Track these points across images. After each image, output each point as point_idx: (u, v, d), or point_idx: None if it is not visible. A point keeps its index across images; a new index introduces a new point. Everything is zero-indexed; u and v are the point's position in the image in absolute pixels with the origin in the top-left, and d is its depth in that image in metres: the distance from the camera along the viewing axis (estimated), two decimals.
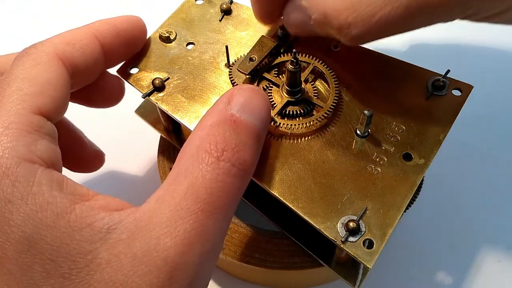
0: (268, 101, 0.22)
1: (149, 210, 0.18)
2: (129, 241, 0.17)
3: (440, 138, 0.24)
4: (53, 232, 0.17)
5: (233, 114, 0.20)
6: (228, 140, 0.20)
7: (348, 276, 0.25)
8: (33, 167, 0.19)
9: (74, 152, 0.30)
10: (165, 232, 0.17)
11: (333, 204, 0.23)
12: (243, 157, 0.20)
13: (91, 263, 0.17)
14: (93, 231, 0.18)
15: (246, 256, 0.28)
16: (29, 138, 0.19)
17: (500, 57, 0.43)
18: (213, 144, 0.19)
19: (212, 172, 0.19)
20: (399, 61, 0.27)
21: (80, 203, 0.19)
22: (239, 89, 0.22)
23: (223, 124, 0.20)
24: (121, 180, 0.37)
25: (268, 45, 0.27)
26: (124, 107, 0.34)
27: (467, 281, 0.31)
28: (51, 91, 0.22)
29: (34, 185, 0.18)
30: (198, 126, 0.21)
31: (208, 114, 0.21)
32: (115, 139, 0.38)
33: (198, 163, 0.19)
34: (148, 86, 0.28)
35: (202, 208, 0.18)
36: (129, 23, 0.27)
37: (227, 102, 0.21)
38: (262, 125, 0.21)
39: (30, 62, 0.22)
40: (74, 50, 0.24)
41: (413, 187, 0.23)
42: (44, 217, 0.18)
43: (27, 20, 0.49)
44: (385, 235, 0.22)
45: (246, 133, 0.20)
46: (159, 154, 0.34)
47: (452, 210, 0.34)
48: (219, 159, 0.19)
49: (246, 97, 0.21)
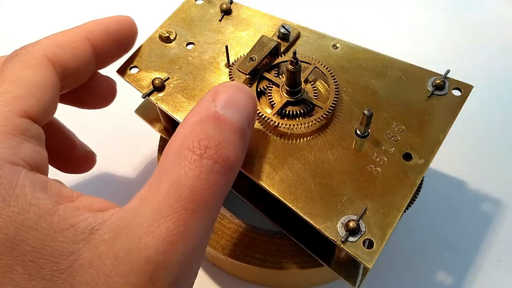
0: (253, 97, 0.22)
1: (132, 210, 0.18)
2: (111, 241, 0.17)
3: (440, 138, 0.24)
4: (35, 233, 0.17)
5: (217, 111, 0.20)
6: (211, 137, 0.19)
7: (348, 276, 0.25)
8: (17, 169, 0.19)
9: (65, 153, 0.30)
10: (147, 232, 0.17)
11: (333, 204, 0.23)
12: (226, 154, 0.19)
13: (74, 264, 0.17)
14: (76, 232, 0.18)
15: (246, 256, 0.28)
16: (14, 141, 0.19)
17: (500, 57, 0.43)
18: (196, 142, 0.19)
19: (194, 170, 0.18)
20: (399, 61, 0.27)
21: (63, 204, 0.18)
22: (224, 86, 0.22)
23: (207, 121, 0.20)
24: (121, 180, 0.37)
25: (268, 45, 0.27)
26: (124, 107, 0.34)
27: (467, 281, 0.31)
28: (39, 93, 0.22)
29: (17, 187, 0.18)
30: (182, 124, 0.21)
31: (192, 111, 0.21)
32: (115, 139, 0.38)
33: (180, 161, 0.19)
34: (148, 86, 0.28)
35: (184, 206, 0.18)
36: (120, 24, 0.27)
37: (211, 99, 0.21)
38: (247, 122, 0.21)
39: (20, 65, 0.22)
40: (64, 52, 0.24)
41: (413, 187, 0.23)
42: (26, 219, 0.18)
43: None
44: (385, 235, 0.22)
45: (229, 130, 0.20)
46: (159, 154, 0.34)
47: (452, 210, 0.34)
48: (202, 157, 0.19)
49: (230, 94, 0.21)
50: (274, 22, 0.30)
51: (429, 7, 0.48)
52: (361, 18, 0.47)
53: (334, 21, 0.47)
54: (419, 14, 0.47)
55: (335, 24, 0.46)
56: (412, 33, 0.46)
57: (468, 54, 0.43)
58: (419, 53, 0.43)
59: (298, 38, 0.29)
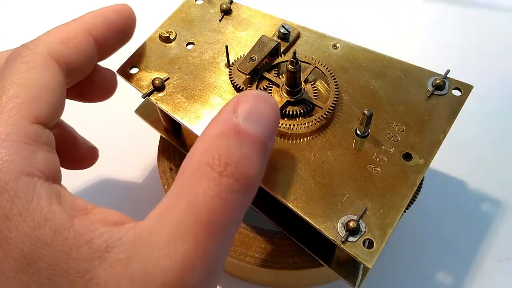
0: (277, 107, 0.21)
1: (148, 228, 0.18)
2: (127, 261, 0.17)
3: (440, 138, 0.24)
4: (51, 250, 0.17)
5: (238, 124, 0.19)
6: (231, 153, 0.18)
7: (348, 276, 0.25)
8: (32, 180, 0.18)
9: (67, 149, 0.30)
10: (164, 254, 0.17)
11: (333, 204, 0.23)
12: (247, 171, 0.18)
13: (89, 283, 0.17)
14: (92, 249, 0.17)
15: (246, 256, 0.28)
16: (27, 151, 0.19)
17: (500, 57, 0.43)
18: (216, 158, 0.18)
19: (214, 189, 0.18)
20: (399, 61, 0.27)
21: (78, 218, 0.18)
22: (245, 95, 0.20)
23: (227, 135, 0.19)
24: (121, 180, 0.37)
25: (268, 45, 0.27)
26: (124, 107, 0.34)
27: (467, 281, 0.31)
28: (47, 96, 0.21)
29: (33, 200, 0.18)
30: (201, 138, 0.19)
31: (211, 123, 0.20)
32: (115, 139, 0.38)
33: (199, 178, 0.18)
34: (148, 86, 0.28)
35: (202, 228, 0.17)
36: (119, 14, 0.26)
37: (232, 110, 0.20)
38: (269, 134, 0.20)
39: (24, 66, 0.21)
40: (68, 49, 0.23)
41: (413, 187, 0.23)
42: (42, 234, 0.17)
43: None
44: (385, 235, 0.22)
45: (251, 144, 0.19)
46: (159, 154, 0.34)
47: (452, 210, 0.34)
48: (222, 174, 0.18)
49: (252, 105, 0.20)
50: (274, 22, 0.30)
51: (429, 7, 0.48)
52: (361, 18, 0.47)
53: (334, 21, 0.47)
54: (419, 14, 0.47)
55: (335, 24, 0.46)
56: (412, 33, 0.46)
57: (468, 55, 0.43)
58: (419, 53, 0.43)
59: (298, 38, 0.29)
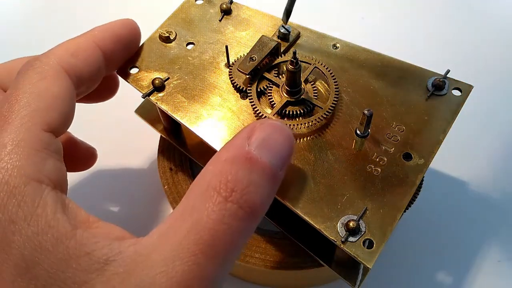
0: (292, 138, 0.21)
1: (149, 245, 0.18)
2: (125, 275, 0.17)
3: (440, 138, 0.24)
4: (51, 257, 0.17)
5: (250, 151, 0.19)
6: (239, 179, 0.18)
7: (348, 276, 0.25)
8: (40, 187, 0.18)
9: (67, 152, 0.30)
10: (162, 272, 0.17)
11: (333, 204, 0.23)
12: (252, 199, 0.18)
13: None
14: (91, 260, 0.17)
15: (246, 256, 0.28)
16: (38, 157, 0.19)
17: (500, 57, 0.43)
18: (223, 183, 0.18)
19: (218, 213, 0.18)
20: (399, 61, 0.27)
21: (81, 229, 0.18)
22: (261, 124, 0.20)
23: (238, 161, 0.19)
24: (121, 180, 0.37)
25: (268, 45, 0.27)
26: (124, 107, 0.34)
27: (467, 281, 0.31)
28: (59, 106, 0.21)
29: (39, 206, 0.18)
30: (212, 160, 0.20)
31: (225, 147, 0.20)
32: (115, 139, 0.38)
33: (205, 201, 0.18)
34: (148, 86, 0.28)
35: (203, 250, 0.17)
36: (126, 28, 0.27)
37: (246, 137, 0.20)
38: (280, 165, 0.20)
39: (37, 76, 0.22)
40: (78, 61, 0.24)
41: (413, 187, 0.23)
42: (44, 240, 0.17)
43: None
44: (385, 235, 0.22)
45: (260, 173, 0.19)
46: (159, 154, 0.34)
47: (452, 210, 0.34)
48: (227, 200, 0.18)
49: (267, 134, 0.20)
50: (274, 22, 0.30)
51: (429, 7, 0.48)
52: (361, 18, 0.47)
53: (334, 21, 0.47)
54: (419, 14, 0.47)
55: (335, 24, 0.46)
56: (412, 33, 0.46)
57: (468, 54, 0.43)
58: (419, 53, 0.43)
59: (298, 38, 0.29)
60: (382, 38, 0.44)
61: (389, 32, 0.45)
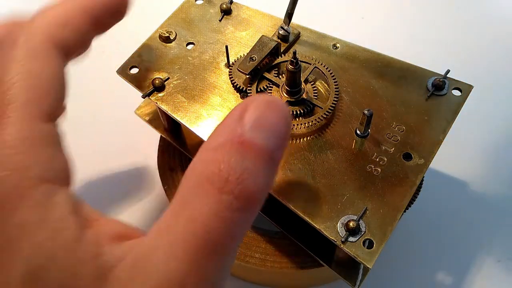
0: (288, 114, 0.19)
1: (148, 246, 0.17)
2: (127, 281, 0.17)
3: (440, 138, 0.24)
4: (59, 263, 0.17)
5: (243, 134, 0.17)
6: (233, 167, 0.17)
7: (348, 276, 0.25)
8: (49, 188, 0.18)
9: None
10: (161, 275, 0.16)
11: (333, 204, 0.23)
12: (248, 187, 0.17)
13: None
14: (96, 266, 0.17)
15: (246, 256, 0.28)
16: (45, 155, 0.18)
17: (500, 56, 0.43)
18: (216, 172, 0.17)
19: (212, 206, 0.17)
20: (399, 61, 0.27)
21: (88, 229, 0.18)
22: (253, 101, 0.18)
23: (230, 146, 0.17)
24: (121, 180, 0.37)
25: (268, 45, 0.27)
26: (124, 107, 0.34)
27: (467, 281, 0.31)
28: (54, 90, 0.20)
29: (50, 209, 0.17)
30: (203, 147, 0.18)
31: (215, 132, 0.18)
32: (115, 139, 0.38)
33: (198, 194, 0.17)
34: (148, 86, 0.28)
35: (199, 247, 0.16)
36: None
37: (238, 118, 0.18)
38: (278, 145, 0.18)
39: (26, 56, 0.20)
40: (67, 32, 0.21)
41: (413, 187, 0.23)
42: (54, 246, 0.17)
43: None
44: (385, 235, 0.22)
45: (255, 157, 0.17)
46: (159, 154, 0.34)
47: (452, 210, 0.34)
48: (221, 191, 0.17)
49: (261, 111, 0.18)
50: (274, 22, 0.30)
51: (429, 7, 0.48)
52: (361, 18, 0.47)
53: (334, 21, 0.47)
54: (418, 14, 0.47)
55: (335, 24, 0.46)
56: (412, 33, 0.45)
57: (468, 54, 0.43)
58: (419, 53, 0.43)
59: (298, 38, 0.29)
60: (382, 38, 0.44)
61: (389, 32, 0.45)
